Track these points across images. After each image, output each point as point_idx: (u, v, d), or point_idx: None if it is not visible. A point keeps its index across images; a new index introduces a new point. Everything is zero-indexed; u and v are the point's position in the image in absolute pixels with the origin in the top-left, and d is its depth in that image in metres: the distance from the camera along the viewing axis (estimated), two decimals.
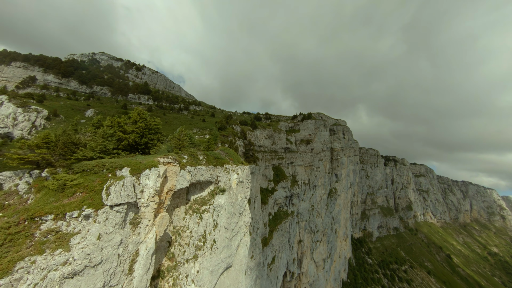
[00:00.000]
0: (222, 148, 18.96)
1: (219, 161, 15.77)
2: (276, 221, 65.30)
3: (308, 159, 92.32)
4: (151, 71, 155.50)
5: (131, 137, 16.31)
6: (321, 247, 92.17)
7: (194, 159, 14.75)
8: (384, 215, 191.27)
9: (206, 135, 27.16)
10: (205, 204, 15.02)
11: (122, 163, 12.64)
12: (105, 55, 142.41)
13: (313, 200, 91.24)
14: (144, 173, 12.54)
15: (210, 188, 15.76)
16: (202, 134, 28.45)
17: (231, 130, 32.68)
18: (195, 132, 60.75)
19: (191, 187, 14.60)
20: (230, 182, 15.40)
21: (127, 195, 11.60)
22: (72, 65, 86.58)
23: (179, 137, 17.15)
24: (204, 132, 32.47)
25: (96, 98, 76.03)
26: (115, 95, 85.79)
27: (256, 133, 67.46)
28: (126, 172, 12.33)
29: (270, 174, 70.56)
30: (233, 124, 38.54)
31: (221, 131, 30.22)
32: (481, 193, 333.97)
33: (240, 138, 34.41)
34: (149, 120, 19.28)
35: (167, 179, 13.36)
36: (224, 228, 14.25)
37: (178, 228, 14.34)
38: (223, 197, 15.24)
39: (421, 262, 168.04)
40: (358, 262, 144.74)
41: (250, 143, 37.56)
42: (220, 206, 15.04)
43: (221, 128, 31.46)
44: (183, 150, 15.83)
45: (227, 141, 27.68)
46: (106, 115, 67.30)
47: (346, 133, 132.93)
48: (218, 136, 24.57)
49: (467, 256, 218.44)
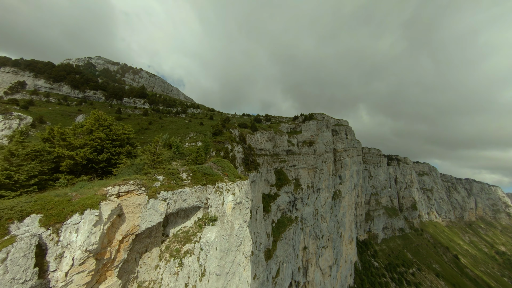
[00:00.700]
0: (215, 159, 15.63)
1: (210, 178, 12.24)
2: (279, 229, 61.69)
3: (311, 161, 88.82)
4: (148, 74, 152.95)
5: (79, 153, 11.62)
6: (327, 253, 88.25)
7: (174, 179, 11.05)
8: (388, 215, 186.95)
9: (199, 142, 23.81)
10: (188, 242, 10.88)
11: (30, 206, 7.61)
12: (101, 59, 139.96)
13: (318, 204, 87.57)
14: (70, 220, 7.68)
15: (197, 216, 11.83)
16: (195, 141, 25.06)
17: (228, 135, 29.26)
18: (191, 137, 57.31)
19: (171, 216, 11.06)
20: (224, 206, 11.82)
21: (13, 278, 6.08)
22: (64, 69, 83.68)
23: (154, 150, 12.43)
24: (197, 138, 29.12)
25: (89, 103, 72.94)
26: (109, 99, 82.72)
27: (256, 136, 64.13)
28: (33, 224, 7.35)
29: (272, 179, 67.08)
30: (231, 128, 35.03)
31: (216, 137, 26.75)
32: (486, 191, 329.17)
33: (238, 143, 31.09)
34: (115, 128, 15.12)
35: (123, 219, 9.07)
36: (215, 274, 10.59)
37: (145, 285, 9.72)
38: (214, 229, 11.29)
39: (428, 264, 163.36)
40: (364, 266, 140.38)
41: (250, 148, 34.28)
42: (210, 244, 10.92)
43: (217, 133, 28.01)
44: (158, 168, 11.75)
45: (222, 148, 24.26)
46: None
47: (348, 133, 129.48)
48: (210, 144, 21.13)
49: (474, 256, 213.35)
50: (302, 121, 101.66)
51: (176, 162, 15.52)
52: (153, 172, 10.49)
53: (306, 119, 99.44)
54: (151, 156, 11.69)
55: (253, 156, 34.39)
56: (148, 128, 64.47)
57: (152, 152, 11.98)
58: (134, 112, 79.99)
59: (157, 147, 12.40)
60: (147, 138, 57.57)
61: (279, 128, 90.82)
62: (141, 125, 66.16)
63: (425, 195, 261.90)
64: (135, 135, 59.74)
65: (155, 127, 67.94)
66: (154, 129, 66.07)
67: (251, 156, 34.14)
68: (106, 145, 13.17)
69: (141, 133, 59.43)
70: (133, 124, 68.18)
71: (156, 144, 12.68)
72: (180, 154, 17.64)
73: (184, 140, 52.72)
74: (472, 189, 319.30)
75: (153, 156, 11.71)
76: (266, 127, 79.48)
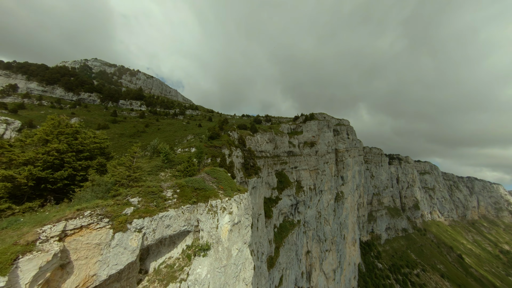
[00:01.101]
0: (209, 169, 13.37)
1: (202, 194, 9.90)
2: (282, 233, 59.43)
3: (313, 162, 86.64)
4: (145, 76, 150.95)
5: (23, 173, 8.58)
6: (331, 257, 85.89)
7: (154, 200, 8.72)
8: (391, 216, 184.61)
9: (193, 148, 21.45)
10: (173, 281, 8.27)
11: None
12: (97, 61, 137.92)
13: (320, 207, 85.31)
14: None
15: (185, 243, 9.30)
16: (189, 146, 22.75)
17: (226, 139, 27.07)
18: (188, 140, 54.99)
19: (152, 246, 8.65)
20: (219, 230, 9.34)
21: None
22: (59, 71, 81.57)
23: (129, 164, 9.93)
24: (194, 142, 26.76)
25: (83, 106, 70.79)
26: (105, 101, 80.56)
27: (256, 137, 62.00)
28: None
29: (273, 182, 64.87)
30: (229, 130, 32.68)
31: (213, 141, 24.48)
32: (488, 189, 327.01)
33: (237, 147, 28.84)
34: (82, 135, 11.94)
35: (70, 269, 6.46)
36: None
37: None
38: (205, 261, 8.94)
39: (433, 264, 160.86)
40: (368, 268, 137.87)
41: (250, 152, 32.12)
42: (201, 282, 8.53)
43: (213, 137, 25.79)
44: (134, 187, 9.23)
45: (219, 154, 21.94)
46: (92, 123, 61.95)
47: (350, 133, 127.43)
48: (204, 151, 18.88)
49: (478, 255, 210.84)
50: (303, 121, 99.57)
51: (164, 172, 13.34)
52: (125, 193, 8.10)
53: (307, 119, 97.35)
54: (125, 172, 9.21)
55: (253, 160, 32.27)
56: (144, 131, 62.31)
57: (127, 167, 9.49)
58: (130, 115, 77.81)
59: (133, 159, 9.99)
60: (143, 141, 55.32)
61: (279, 129, 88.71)
62: (137, 128, 63.99)
63: (427, 194, 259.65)
64: (129, 138, 57.22)
65: (152, 129, 65.79)
66: (151, 131, 63.91)
67: (251, 159, 32.02)
68: (68, 158, 10.30)
69: (136, 137, 57.25)
70: (129, 127, 66.01)
71: (132, 156, 10.27)
72: (170, 162, 15.40)
73: (180, 143, 50.44)
74: (474, 188, 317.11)
75: (128, 171, 9.25)
76: (267, 128, 77.38)
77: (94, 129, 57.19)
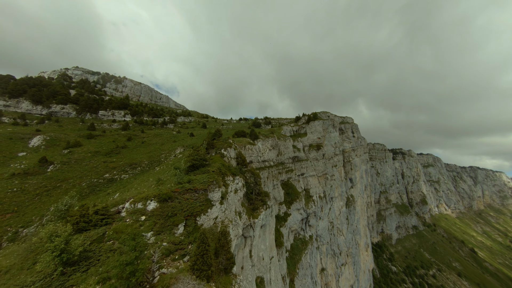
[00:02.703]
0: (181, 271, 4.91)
1: None
2: (294, 258, 50.53)
3: (321, 167, 78.17)
4: (133, 82, 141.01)
5: None
6: (347, 271, 77.25)
7: None
8: (400, 213, 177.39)
9: (149, 202, 11.98)
10: None
11: None
12: (78, 69, 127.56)
13: (332, 216, 76.74)
14: None
15: None
16: (156, 183, 13.87)
17: (218, 165, 17.67)
18: (176, 156, 45.91)
19: None
20: None
21: None
22: (26, 82, 71.49)
23: None
24: (177, 162, 17.54)
25: (54, 120, 60.93)
26: (82, 113, 70.76)
27: (257, 146, 53.18)
28: None
29: (280, 195, 56.04)
30: (223, 148, 23.18)
31: (195, 175, 15.28)
32: (491, 177, 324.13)
33: (235, 174, 19.77)
34: None
35: None
36: None
37: None
38: None
39: (448, 262, 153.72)
40: (382, 273, 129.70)
41: (254, 174, 22.89)
42: None
43: (196, 166, 16.40)
44: None
45: (202, 208, 12.35)
46: (60, 141, 52.26)
47: (355, 131, 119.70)
48: (147, 248, 9.19)
49: (490, 248, 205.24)
50: (305, 122, 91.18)
51: None
52: None
53: (310, 120, 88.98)
54: None
55: (259, 187, 23.51)
56: (125, 146, 52.84)
57: None
58: (111, 127, 68.20)
59: None
60: (121, 160, 45.95)
61: (281, 132, 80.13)
62: (117, 143, 54.44)
63: (432, 187, 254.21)
64: (104, 157, 47.65)
65: (135, 143, 56.36)
66: (133, 146, 54.50)
67: (256, 185, 23.26)
68: None
69: (114, 154, 47.80)
70: (107, 142, 56.43)
71: None
72: (87, 258, 6.55)
73: (165, 160, 40.99)
74: (477, 177, 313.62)
75: None
76: (268, 133, 68.71)
77: (61, 148, 47.57)
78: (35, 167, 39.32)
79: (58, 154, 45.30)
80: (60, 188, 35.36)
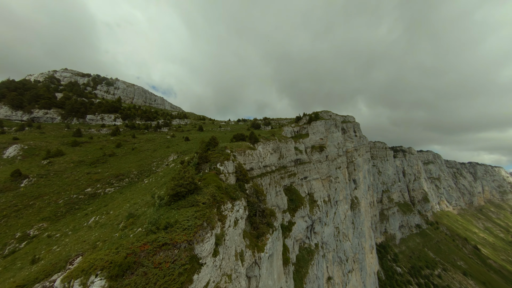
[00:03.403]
0: None
1: None
2: (300, 272, 46.50)
3: (324, 169, 74.27)
4: (125, 84, 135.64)
5: None
6: (354, 278, 73.55)
7: None
8: (403, 212, 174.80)
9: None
10: None
11: None
12: (67, 71, 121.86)
13: (337, 221, 72.92)
14: None
15: None
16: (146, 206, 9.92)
17: (214, 186, 13.10)
18: (168, 165, 41.54)
19: None
20: None
21: None
22: (7, 86, 66.31)
23: None
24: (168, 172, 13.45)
25: (35, 126, 55.96)
26: (68, 118, 65.79)
27: (258, 150, 48.95)
28: None
29: (283, 202, 51.89)
30: (219, 162, 18.23)
31: (180, 208, 10.47)
32: (490, 173, 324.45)
33: (235, 198, 15.17)
34: None
35: None
36: None
37: None
38: None
39: (452, 261, 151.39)
40: (387, 274, 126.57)
41: (257, 192, 18.83)
42: None
43: (183, 194, 11.41)
44: None
45: (186, 270, 7.98)
46: (41, 150, 47.43)
47: (357, 130, 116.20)
48: None
49: (493, 244, 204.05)
50: (307, 122, 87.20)
51: None
52: None
53: (311, 120, 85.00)
54: None
55: (263, 204, 19.36)
56: (113, 154, 48.17)
57: None
58: (100, 132, 63.38)
59: None
60: (107, 170, 41.32)
61: (282, 134, 76.02)
62: (104, 150, 49.75)
63: (433, 184, 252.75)
64: (89, 167, 42.94)
65: (124, 150, 51.72)
66: (122, 154, 49.86)
67: (260, 203, 19.12)
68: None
69: (100, 163, 43.17)
70: (93, 149, 51.69)
71: None
72: None
73: (158, 168, 36.55)
74: (476, 173, 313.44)
75: None
76: (268, 135, 64.54)
77: (41, 159, 42.82)
78: (6, 182, 34.50)
79: (35, 165, 40.46)
80: (33, 207, 30.66)
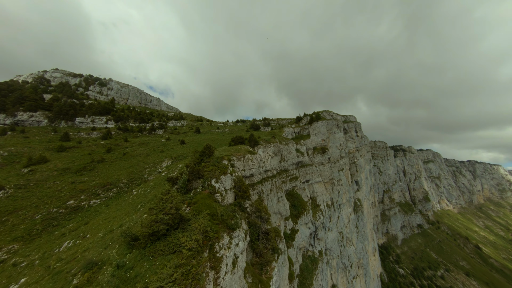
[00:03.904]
0: None
1: None
2: (305, 283, 43.49)
3: (327, 172, 71.36)
4: (119, 84, 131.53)
5: None
6: (359, 285, 70.83)
7: None
8: (404, 212, 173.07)
9: None
10: None
11: None
12: (58, 72, 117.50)
13: (341, 225, 70.10)
14: None
15: None
16: None
17: (205, 216, 10.20)
18: (160, 173, 38.36)
19: None
20: None
21: None
22: None
23: None
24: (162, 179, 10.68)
25: (19, 131, 52.18)
26: (56, 121, 62.00)
27: (258, 153, 45.80)
28: None
29: (285, 209, 48.84)
30: (214, 177, 14.86)
31: (155, 257, 7.64)
32: (489, 171, 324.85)
33: (234, 229, 12.10)
34: None
35: None
36: None
37: None
38: None
39: (455, 262, 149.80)
40: (390, 277, 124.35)
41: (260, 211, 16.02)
42: None
43: (163, 233, 8.29)
44: None
45: None
46: (22, 157, 43.78)
47: (358, 130, 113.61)
48: None
49: (494, 243, 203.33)
50: (308, 122, 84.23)
51: None
52: None
53: (312, 120, 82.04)
54: None
55: (266, 224, 16.45)
56: (102, 160, 44.64)
57: None
58: (90, 136, 59.66)
59: None
60: (94, 179, 37.80)
61: (282, 135, 72.96)
62: (93, 156, 46.19)
63: (434, 184, 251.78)
64: (74, 176, 39.32)
65: (115, 155, 48.22)
66: (112, 159, 46.36)
67: (263, 223, 16.12)
68: None
69: (87, 171, 39.67)
70: (81, 155, 48.11)
71: None
72: None
73: (150, 175, 33.17)
74: (475, 171, 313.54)
75: None
76: (268, 137, 61.43)
77: (22, 166, 39.18)
78: None
79: (14, 174, 36.78)
80: (5, 224, 27.09)
